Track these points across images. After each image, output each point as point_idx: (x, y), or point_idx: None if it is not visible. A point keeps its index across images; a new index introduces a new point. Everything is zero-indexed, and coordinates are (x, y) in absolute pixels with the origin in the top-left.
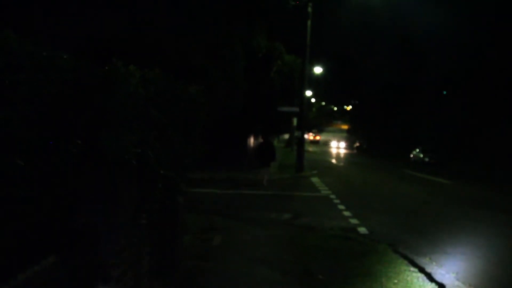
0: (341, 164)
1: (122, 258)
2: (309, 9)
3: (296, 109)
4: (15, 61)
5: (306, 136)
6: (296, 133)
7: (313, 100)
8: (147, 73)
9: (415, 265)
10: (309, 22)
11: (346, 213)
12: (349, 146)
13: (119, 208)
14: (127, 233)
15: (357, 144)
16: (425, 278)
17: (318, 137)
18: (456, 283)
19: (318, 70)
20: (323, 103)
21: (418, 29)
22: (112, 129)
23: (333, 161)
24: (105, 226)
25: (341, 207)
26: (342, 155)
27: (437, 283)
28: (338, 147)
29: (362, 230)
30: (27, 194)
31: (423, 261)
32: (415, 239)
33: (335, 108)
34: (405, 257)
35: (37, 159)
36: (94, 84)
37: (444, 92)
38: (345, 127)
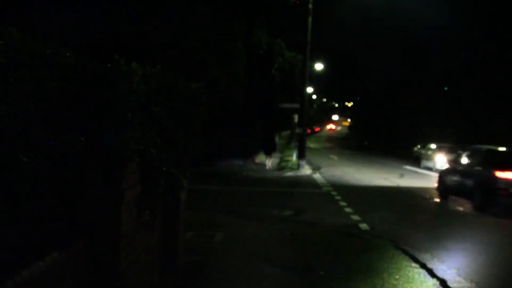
0: (342, 160)
1: (125, 254)
2: (310, 6)
3: (297, 106)
4: (19, 58)
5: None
6: (297, 130)
7: (314, 96)
8: (149, 69)
9: (416, 261)
10: (309, 19)
11: (348, 210)
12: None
13: (122, 204)
14: (130, 229)
15: None
16: (426, 273)
17: (333, 127)
18: (458, 278)
19: (319, 66)
20: (324, 100)
21: (419, 25)
22: (115, 126)
23: (334, 157)
24: (108, 222)
25: (343, 203)
26: (342, 152)
27: (438, 278)
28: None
29: (364, 226)
30: (30, 190)
31: (424, 257)
32: (416, 235)
33: (336, 105)
34: (407, 253)
35: (41, 155)
36: (96, 81)
37: (445, 88)
38: (346, 123)
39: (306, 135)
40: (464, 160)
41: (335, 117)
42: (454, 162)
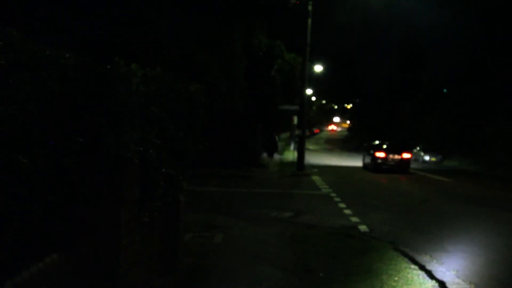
0: (341, 162)
1: (125, 256)
2: (310, 8)
3: (296, 108)
4: (19, 60)
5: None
6: (297, 132)
7: (313, 98)
8: (149, 71)
9: (415, 262)
10: (309, 21)
11: (347, 211)
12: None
13: (121, 205)
14: (129, 231)
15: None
16: (425, 275)
17: (335, 128)
18: (457, 280)
19: (318, 68)
20: (324, 101)
21: (418, 27)
22: (114, 127)
23: (333, 159)
24: (107, 223)
25: (342, 205)
26: (341, 154)
27: (437, 280)
28: None
29: (363, 228)
30: (30, 191)
31: (423, 259)
32: (415, 237)
33: (336, 106)
34: (406, 255)
35: (40, 156)
36: (96, 82)
37: (444, 90)
38: (345, 125)
39: (306, 137)
40: (369, 148)
41: (336, 119)
42: (367, 149)
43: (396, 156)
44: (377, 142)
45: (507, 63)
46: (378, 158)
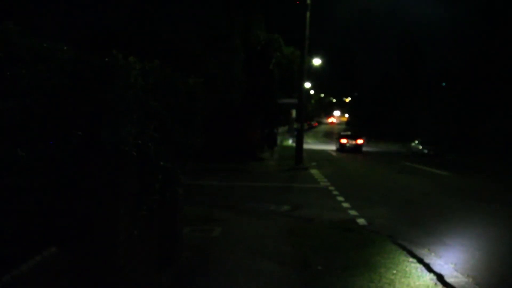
0: (339, 156)
1: (123, 250)
2: (308, 1)
3: (295, 101)
4: (16, 53)
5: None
6: (296, 125)
7: (312, 92)
8: (147, 64)
9: (414, 256)
10: (308, 14)
11: (345, 205)
12: None
13: (119, 199)
14: (128, 225)
15: None
16: (423, 268)
17: (335, 120)
18: (455, 273)
19: (317, 62)
20: (322, 95)
21: (417, 21)
22: (112, 120)
23: (331, 152)
24: (105, 217)
25: (340, 198)
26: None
27: (435, 273)
28: None
29: (361, 221)
30: (27, 185)
31: (422, 252)
32: (414, 230)
33: (334, 100)
34: (404, 248)
35: (38, 150)
36: (94, 76)
37: (443, 84)
38: (344, 119)
39: (304, 130)
40: (337, 137)
41: (336, 113)
42: (337, 138)
43: (353, 142)
44: (345, 133)
45: (506, 58)
46: (342, 143)
